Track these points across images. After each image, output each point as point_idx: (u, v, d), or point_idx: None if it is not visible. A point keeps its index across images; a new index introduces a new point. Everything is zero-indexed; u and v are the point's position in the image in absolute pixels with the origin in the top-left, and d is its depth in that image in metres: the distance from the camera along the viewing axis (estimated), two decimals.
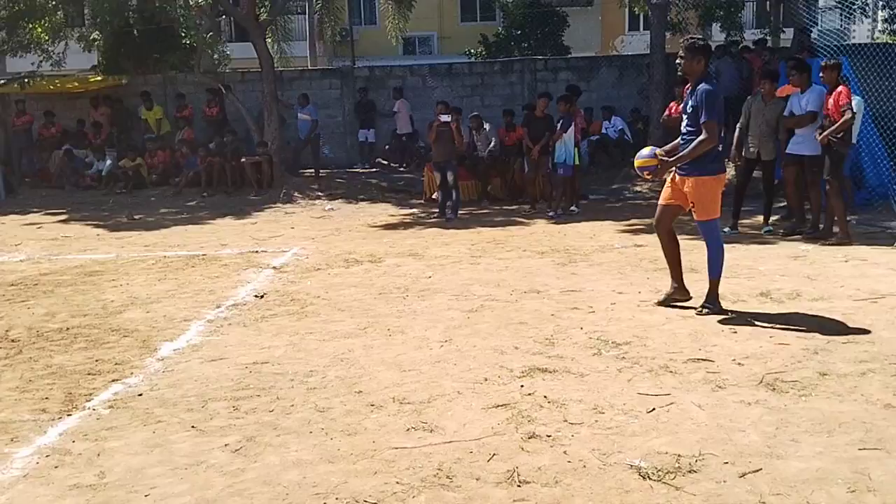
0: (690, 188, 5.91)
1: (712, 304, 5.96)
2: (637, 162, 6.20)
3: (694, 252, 6.64)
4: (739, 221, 9.75)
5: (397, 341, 5.60)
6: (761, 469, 3.46)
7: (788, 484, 3.33)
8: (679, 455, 3.61)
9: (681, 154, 5.93)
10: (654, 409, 4.17)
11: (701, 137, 5.78)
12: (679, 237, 6.30)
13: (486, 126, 14.40)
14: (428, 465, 3.58)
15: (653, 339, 5.40)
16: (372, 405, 4.35)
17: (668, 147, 6.22)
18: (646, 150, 6.22)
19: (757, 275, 7.29)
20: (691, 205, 5.95)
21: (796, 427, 3.88)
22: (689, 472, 3.46)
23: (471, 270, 8.00)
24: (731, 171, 11.92)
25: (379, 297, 6.92)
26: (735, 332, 5.48)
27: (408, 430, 4.00)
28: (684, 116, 6.04)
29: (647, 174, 6.24)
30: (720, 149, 6.02)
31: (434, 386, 4.62)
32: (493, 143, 14.14)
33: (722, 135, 6.06)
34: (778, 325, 5.62)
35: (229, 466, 3.67)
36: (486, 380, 4.69)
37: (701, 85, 5.84)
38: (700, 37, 6.24)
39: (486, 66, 19.21)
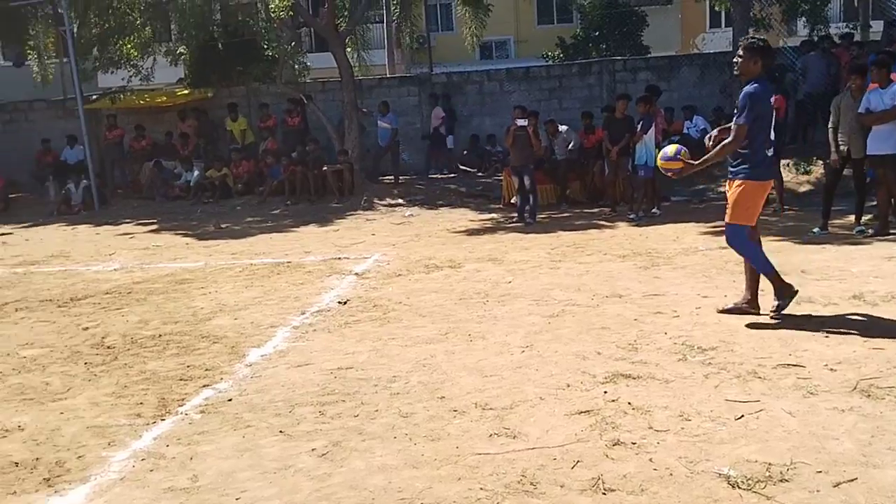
0: (732, 190, 5.81)
1: (781, 298, 5.78)
2: (660, 163, 6.09)
3: (780, 254, 6.44)
4: (830, 222, 9.42)
5: (478, 347, 5.61)
6: (856, 479, 3.34)
7: (885, 494, 3.20)
8: (770, 463, 3.51)
9: (705, 157, 5.81)
10: (742, 416, 4.06)
11: (727, 140, 5.69)
12: (766, 239, 6.12)
13: (563, 129, 14.32)
14: (511, 472, 3.58)
15: (740, 344, 5.26)
16: (455, 411, 4.38)
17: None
18: (670, 150, 6.08)
19: (849, 277, 7.02)
20: (727, 204, 5.82)
21: (893, 435, 3.73)
22: (781, 481, 3.36)
23: (551, 275, 7.95)
24: (819, 169, 11.53)
25: (459, 303, 6.95)
26: (827, 337, 5.30)
27: (491, 435, 4.01)
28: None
29: (672, 175, 6.13)
30: (769, 153, 5.82)
31: (516, 392, 4.61)
32: (572, 144, 14.05)
33: (771, 139, 5.85)
34: (872, 329, 5.40)
35: (316, 471, 3.74)
36: (568, 386, 4.66)
37: (748, 86, 5.71)
38: (761, 37, 6.07)
39: (564, 68, 19.07)
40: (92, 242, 12.38)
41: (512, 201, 13.24)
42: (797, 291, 5.86)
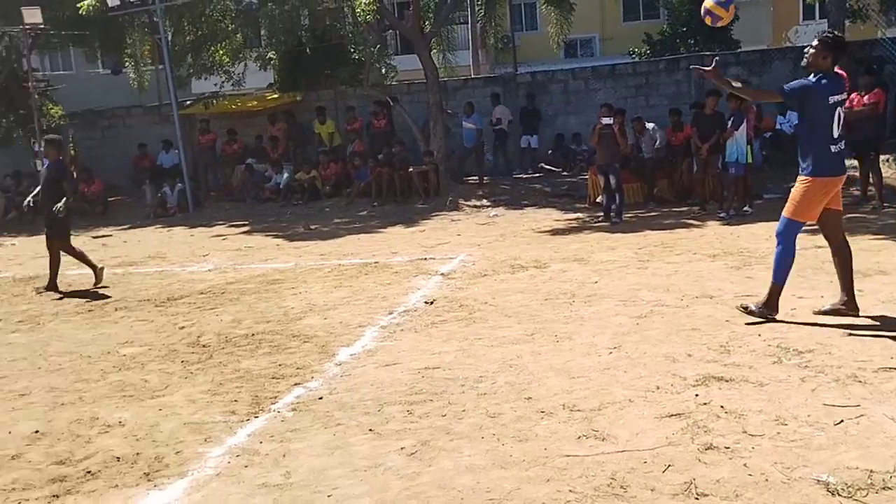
0: (796, 185, 5.69)
1: (765, 308, 5.64)
2: (709, 3, 5.92)
3: (881, 253, 6.17)
4: None
5: (565, 347, 5.57)
6: None
7: None
8: (871, 470, 3.38)
9: (737, 86, 5.89)
10: (841, 420, 3.91)
11: (762, 90, 5.54)
12: (864, 237, 5.88)
13: (650, 126, 14.07)
14: (601, 475, 3.54)
15: (838, 346, 5.07)
16: (542, 412, 4.36)
17: None
18: None
19: None
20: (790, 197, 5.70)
21: None
22: (883, 488, 3.23)
23: (638, 275, 7.83)
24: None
25: (545, 303, 6.91)
26: None
27: (579, 437, 3.97)
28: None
29: (708, 19, 6.00)
30: (833, 150, 5.57)
31: (604, 393, 4.56)
32: (658, 141, 13.80)
33: (834, 135, 5.60)
34: None
35: (405, 470, 3.78)
36: (658, 388, 4.58)
37: (811, 76, 5.59)
38: (837, 33, 5.86)
39: (651, 65, 18.76)
40: (187, 244, 12.83)
41: (597, 200, 13.10)
42: (775, 318, 5.70)
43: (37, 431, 4.69)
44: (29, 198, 10.19)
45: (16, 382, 5.75)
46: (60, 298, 8.79)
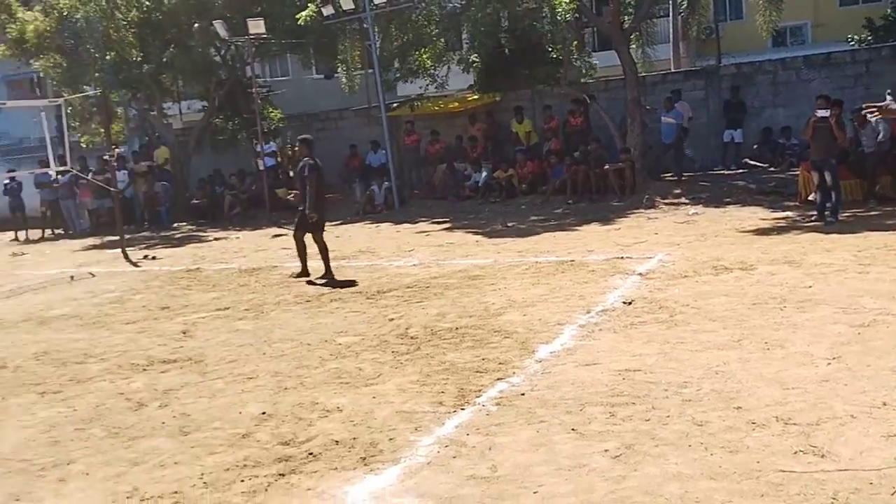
0: None
1: None
2: None
3: None
4: None
5: (776, 356, 5.32)
6: None
7: None
8: None
9: None
10: None
11: None
12: None
13: (873, 118, 13.01)
14: (821, 493, 3.37)
15: None
16: (753, 423, 4.20)
17: None
18: None
19: None
20: None
21: None
22: None
23: (859, 280, 7.30)
24: None
25: (753, 308, 6.62)
26: None
27: (795, 452, 3.80)
28: None
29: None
30: None
31: (822, 407, 4.32)
32: (881, 134, 12.74)
33: None
34: None
35: (610, 472, 3.79)
36: (884, 404, 4.28)
37: None
38: None
39: (873, 52, 17.32)
40: (393, 239, 13.42)
41: (810, 198, 12.30)
42: None
43: (264, 413, 5.13)
44: (290, 194, 10.93)
45: (244, 366, 6.31)
46: (345, 285, 9.36)
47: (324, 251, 9.87)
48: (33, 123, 26.57)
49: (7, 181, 20.67)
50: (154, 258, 13.65)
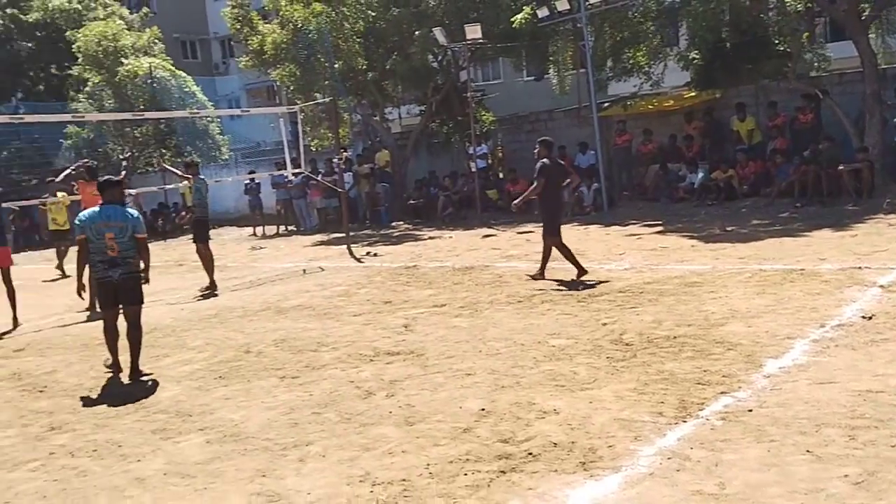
0: None
1: None
2: None
3: None
4: None
5: None
6: None
7: None
8: None
9: None
10: None
11: None
12: None
13: None
14: None
15: None
16: None
17: None
18: None
19: None
20: None
21: None
22: None
23: None
24: None
25: None
26: None
27: None
28: None
29: None
30: None
31: None
32: None
33: None
34: None
35: (851, 499, 3.54)
36: None
37: None
38: None
39: None
40: (603, 242, 13.27)
41: None
42: None
43: (483, 409, 5.27)
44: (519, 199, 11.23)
45: (462, 362, 6.50)
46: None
47: (547, 252, 10.05)
48: (269, 129, 29.05)
49: (248, 181, 22.75)
50: (376, 255, 14.41)
